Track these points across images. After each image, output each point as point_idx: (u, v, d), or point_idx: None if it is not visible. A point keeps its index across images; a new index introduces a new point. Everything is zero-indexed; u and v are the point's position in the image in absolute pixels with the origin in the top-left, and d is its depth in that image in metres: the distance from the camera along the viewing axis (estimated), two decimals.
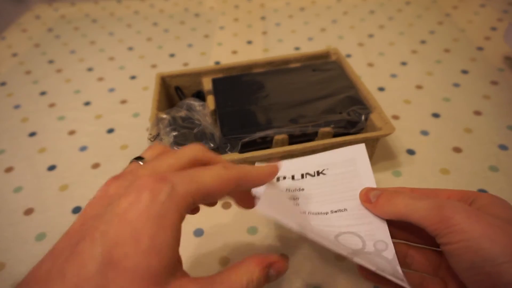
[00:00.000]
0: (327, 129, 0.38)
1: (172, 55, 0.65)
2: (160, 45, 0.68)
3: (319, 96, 0.42)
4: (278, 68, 0.48)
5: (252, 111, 0.40)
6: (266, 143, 0.38)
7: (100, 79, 0.60)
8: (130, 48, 0.67)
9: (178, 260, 0.19)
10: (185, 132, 0.38)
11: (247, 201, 0.26)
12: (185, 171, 0.20)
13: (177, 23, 0.74)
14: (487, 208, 0.23)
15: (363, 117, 0.39)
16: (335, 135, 0.38)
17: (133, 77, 0.60)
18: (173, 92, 0.48)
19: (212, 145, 0.37)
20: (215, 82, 0.45)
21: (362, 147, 0.31)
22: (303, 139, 0.38)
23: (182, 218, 0.19)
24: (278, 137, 0.37)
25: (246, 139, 0.37)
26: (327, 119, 0.38)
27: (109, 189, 0.20)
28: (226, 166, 0.21)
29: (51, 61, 0.65)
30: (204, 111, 0.41)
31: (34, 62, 0.66)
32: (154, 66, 0.62)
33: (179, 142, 0.37)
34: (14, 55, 0.68)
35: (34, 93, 0.58)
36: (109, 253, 0.16)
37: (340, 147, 0.37)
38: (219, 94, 0.43)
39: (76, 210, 0.40)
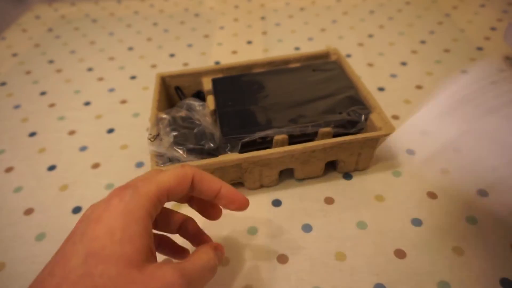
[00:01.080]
0: (327, 129, 0.38)
1: (172, 55, 0.65)
2: (160, 45, 0.68)
3: (319, 96, 0.42)
4: (278, 68, 0.48)
5: (252, 111, 0.40)
6: (266, 143, 0.38)
7: (100, 79, 0.60)
8: (130, 48, 0.67)
9: (151, 251, 0.22)
10: (185, 132, 0.38)
11: (209, 212, 0.29)
12: (147, 177, 0.24)
13: (177, 23, 0.74)
14: None
15: (363, 117, 0.39)
16: (335, 135, 0.38)
17: (133, 77, 0.60)
18: (173, 92, 0.48)
19: (212, 145, 0.37)
20: (214, 82, 0.45)
21: None
22: (303, 139, 0.38)
23: (149, 214, 0.22)
24: (278, 137, 0.37)
25: (246, 139, 0.37)
26: (327, 119, 0.38)
27: (92, 206, 0.23)
28: (183, 165, 0.25)
29: (51, 61, 0.65)
30: (204, 111, 0.41)
31: (34, 62, 0.66)
32: (154, 66, 0.62)
33: (179, 142, 0.37)
34: (14, 55, 0.68)
35: (34, 93, 0.58)
36: (89, 247, 0.20)
37: (340, 147, 0.37)
38: (218, 94, 0.43)
39: (76, 210, 0.40)
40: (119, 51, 0.67)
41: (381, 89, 0.53)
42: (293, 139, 0.37)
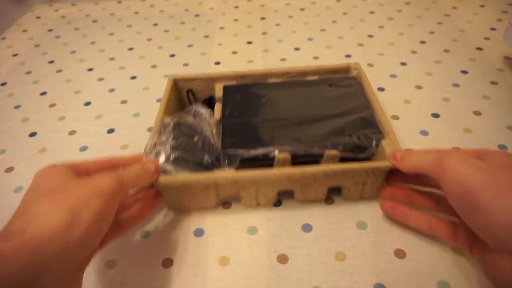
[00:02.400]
0: (333, 151, 0.35)
1: (172, 55, 0.65)
2: (160, 45, 0.68)
3: (330, 114, 0.39)
4: (293, 80, 0.46)
5: (256, 125, 0.38)
6: (268, 159, 0.35)
7: (100, 79, 0.60)
8: (131, 49, 0.68)
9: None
10: (184, 142, 0.37)
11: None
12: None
13: (177, 24, 0.74)
14: (490, 158, 0.28)
15: (374, 143, 0.36)
16: (342, 158, 0.35)
17: (133, 77, 0.60)
18: (184, 96, 0.47)
19: (209, 160, 0.36)
20: (225, 89, 0.44)
21: None
22: (307, 159, 0.35)
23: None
24: (280, 155, 0.34)
25: (245, 156, 0.35)
26: (335, 141, 0.36)
27: None
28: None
29: (51, 62, 0.65)
30: (210, 120, 0.40)
31: (34, 62, 0.66)
32: (154, 66, 0.62)
33: (176, 157, 0.35)
34: (15, 55, 0.68)
35: (35, 93, 0.58)
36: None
37: (344, 174, 0.35)
38: (227, 103, 0.42)
39: None
40: (119, 51, 0.67)
41: (381, 89, 0.53)
42: (296, 159, 0.35)
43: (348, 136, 0.36)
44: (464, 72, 0.55)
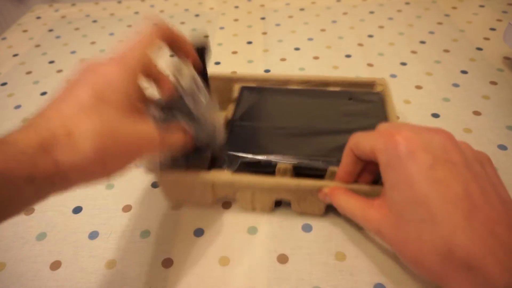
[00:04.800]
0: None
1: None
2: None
3: (343, 129, 0.37)
4: (313, 89, 0.45)
5: (265, 131, 0.38)
6: (270, 167, 0.35)
7: None
8: None
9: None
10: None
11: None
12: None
13: (177, 24, 0.74)
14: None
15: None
16: None
17: None
18: None
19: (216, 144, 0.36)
20: (242, 89, 0.44)
21: None
22: (311, 172, 0.34)
23: (132, 77, 0.30)
24: (281, 165, 0.34)
25: (246, 160, 0.35)
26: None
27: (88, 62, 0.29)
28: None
29: (51, 62, 0.66)
30: (210, 104, 0.35)
31: (34, 62, 0.66)
32: None
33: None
34: (15, 55, 0.68)
35: (35, 93, 0.58)
36: (98, 93, 0.25)
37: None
38: (241, 104, 0.41)
39: (77, 210, 0.40)
40: None
41: None
42: (300, 170, 0.34)
43: None
44: (464, 72, 0.55)
